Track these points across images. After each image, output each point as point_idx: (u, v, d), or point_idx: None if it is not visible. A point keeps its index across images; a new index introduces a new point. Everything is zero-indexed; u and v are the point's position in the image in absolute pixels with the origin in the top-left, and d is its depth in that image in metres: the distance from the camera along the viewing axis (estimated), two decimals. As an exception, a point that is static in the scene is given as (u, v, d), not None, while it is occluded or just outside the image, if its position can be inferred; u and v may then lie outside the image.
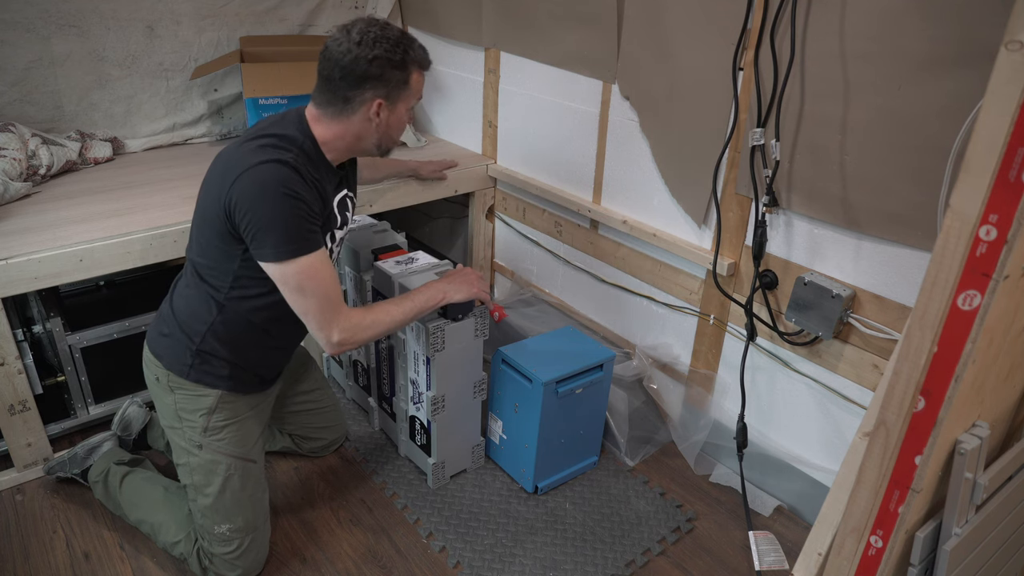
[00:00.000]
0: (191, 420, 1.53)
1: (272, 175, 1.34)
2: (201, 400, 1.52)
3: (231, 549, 1.58)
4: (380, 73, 1.40)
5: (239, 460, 1.57)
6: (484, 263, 2.75)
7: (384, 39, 1.39)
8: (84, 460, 1.85)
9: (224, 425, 1.55)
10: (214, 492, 1.55)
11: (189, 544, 1.62)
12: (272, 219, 1.33)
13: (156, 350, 1.54)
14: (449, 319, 1.75)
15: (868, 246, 1.58)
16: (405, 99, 1.48)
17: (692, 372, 2.08)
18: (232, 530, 1.57)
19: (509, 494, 1.95)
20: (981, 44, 1.29)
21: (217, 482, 1.54)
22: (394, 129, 1.52)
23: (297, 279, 1.38)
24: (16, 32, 2.18)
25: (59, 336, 1.96)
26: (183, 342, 1.50)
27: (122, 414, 1.94)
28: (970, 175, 0.87)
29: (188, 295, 1.51)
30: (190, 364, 1.50)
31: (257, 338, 1.53)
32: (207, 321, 1.49)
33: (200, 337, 1.49)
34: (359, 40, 1.38)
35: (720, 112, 1.78)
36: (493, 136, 2.55)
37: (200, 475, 1.55)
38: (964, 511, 1.10)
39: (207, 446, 1.54)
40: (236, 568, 1.60)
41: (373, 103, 1.43)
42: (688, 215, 1.95)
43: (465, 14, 2.46)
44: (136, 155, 2.45)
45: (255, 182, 1.33)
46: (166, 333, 1.53)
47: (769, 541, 1.79)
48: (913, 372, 0.99)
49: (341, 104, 1.43)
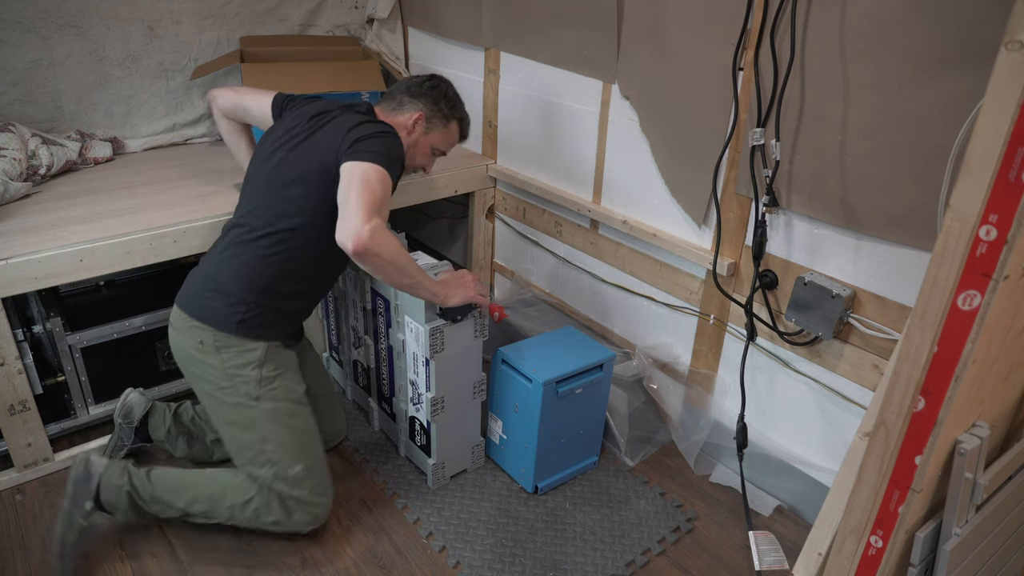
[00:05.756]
0: (243, 375, 1.62)
1: (394, 140, 1.63)
2: (250, 354, 1.62)
3: (310, 487, 1.67)
4: (434, 98, 1.78)
5: (295, 404, 1.68)
6: (484, 263, 2.75)
7: (450, 86, 1.84)
8: (87, 484, 1.62)
9: (276, 375, 1.65)
10: (281, 437, 1.64)
11: (264, 496, 1.65)
12: (380, 145, 1.57)
13: (199, 314, 1.62)
14: (447, 321, 1.75)
15: (868, 246, 1.58)
16: (438, 133, 1.81)
17: (692, 372, 2.08)
18: (305, 468, 1.66)
19: (509, 494, 1.95)
20: (981, 44, 1.29)
21: (281, 427, 1.64)
22: (417, 150, 1.80)
23: (368, 175, 1.51)
24: (16, 32, 2.18)
25: (59, 336, 1.96)
26: (230, 301, 1.60)
27: (124, 401, 1.92)
28: (970, 175, 0.87)
29: (232, 258, 1.64)
30: (239, 320, 1.60)
31: (298, 285, 1.68)
32: (258, 278, 1.61)
33: (251, 294, 1.61)
34: (434, 76, 1.83)
35: (720, 112, 1.78)
36: (493, 136, 2.55)
37: (265, 424, 1.63)
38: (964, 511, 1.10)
39: (264, 396, 1.63)
40: (318, 504, 1.69)
41: (416, 113, 1.76)
42: (688, 215, 1.95)
43: (465, 14, 2.46)
44: (136, 155, 2.45)
45: (379, 132, 1.60)
46: (209, 297, 1.62)
47: (769, 541, 1.79)
48: (913, 372, 0.99)
49: (396, 104, 1.78)
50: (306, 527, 1.71)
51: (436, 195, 2.44)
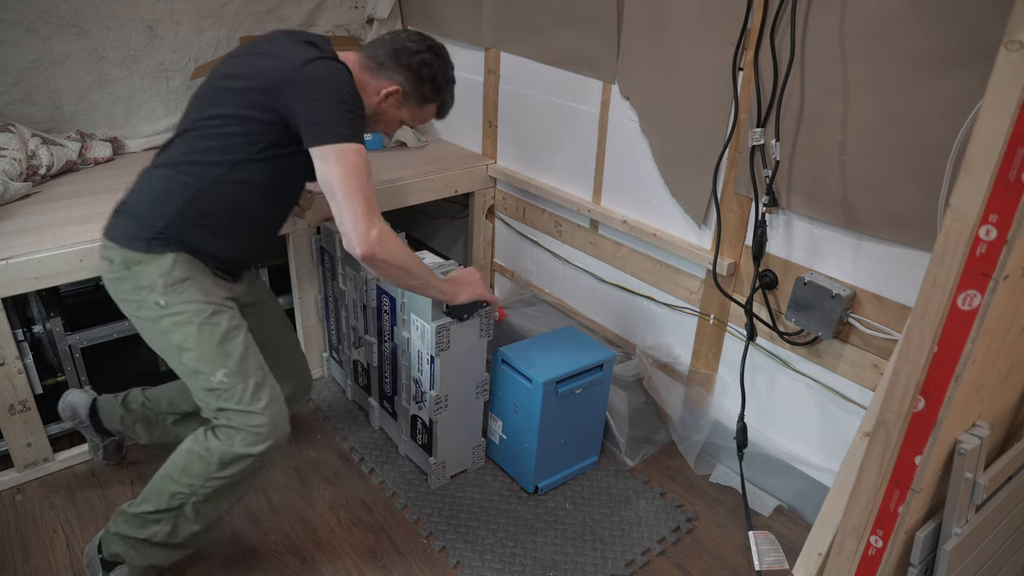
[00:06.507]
0: (151, 284, 1.47)
1: (340, 74, 1.47)
2: (159, 263, 1.47)
3: (238, 398, 1.47)
4: (419, 77, 1.61)
5: (207, 304, 1.50)
6: (484, 263, 2.75)
7: (445, 67, 1.66)
8: (93, 561, 1.57)
9: (184, 278, 1.48)
10: (193, 341, 1.47)
11: (208, 437, 1.48)
12: (339, 111, 1.43)
13: (111, 235, 1.50)
14: (455, 319, 1.75)
15: (868, 246, 1.59)
16: (410, 110, 1.66)
17: (692, 372, 2.08)
18: (228, 374, 1.47)
19: (509, 494, 1.95)
20: (981, 44, 1.29)
21: (192, 330, 1.47)
22: (382, 118, 1.66)
23: (346, 162, 1.42)
24: (16, 32, 2.18)
25: (59, 336, 1.96)
26: (144, 223, 1.47)
27: (63, 404, 1.85)
28: (970, 175, 0.87)
29: (157, 181, 1.50)
30: (149, 238, 1.46)
31: (229, 225, 1.53)
32: (178, 204, 1.47)
33: (165, 220, 1.47)
34: (431, 47, 1.63)
35: (720, 112, 1.78)
36: (493, 136, 2.55)
37: (176, 333, 1.48)
38: (964, 511, 1.10)
39: (170, 303, 1.47)
40: (254, 413, 1.46)
41: (392, 85, 1.60)
42: (688, 215, 1.95)
43: (465, 14, 2.46)
44: (136, 155, 2.45)
45: (325, 69, 1.45)
46: (123, 219, 1.50)
47: (769, 541, 1.79)
48: (913, 372, 0.99)
49: (376, 64, 1.60)
50: (253, 446, 1.45)
51: (436, 195, 2.44)
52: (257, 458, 1.47)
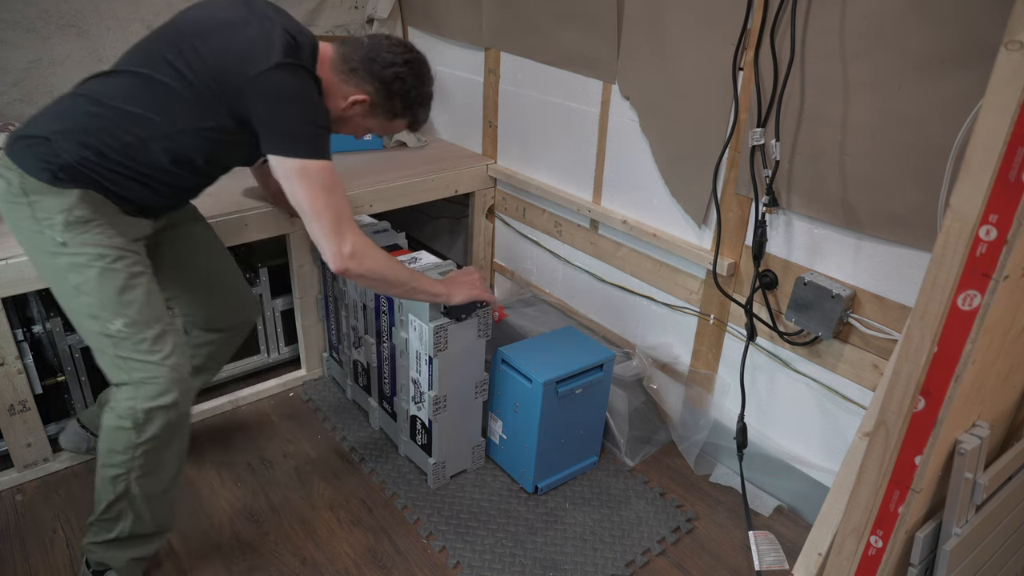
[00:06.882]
0: (50, 219, 1.38)
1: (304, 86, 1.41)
2: (62, 198, 1.38)
3: (137, 347, 1.40)
4: (390, 92, 1.52)
5: (110, 249, 1.42)
6: (484, 263, 2.75)
7: (420, 83, 1.55)
8: None
9: (87, 219, 1.40)
10: (92, 286, 1.39)
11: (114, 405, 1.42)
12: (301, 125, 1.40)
13: (13, 153, 1.40)
14: (452, 319, 1.75)
15: (868, 246, 1.59)
16: (378, 121, 1.59)
17: (692, 372, 2.08)
18: (127, 324, 1.40)
19: (509, 494, 1.95)
20: (981, 44, 1.29)
21: (92, 274, 1.40)
22: (347, 124, 1.59)
23: (312, 180, 1.40)
24: (16, 32, 2.18)
25: (59, 336, 1.96)
26: (54, 152, 1.38)
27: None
28: (970, 175, 0.87)
29: (82, 114, 1.42)
30: (55, 169, 1.37)
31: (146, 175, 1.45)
32: (97, 144, 1.39)
33: (79, 155, 1.38)
34: (408, 61, 1.52)
35: (720, 112, 1.78)
36: (493, 136, 2.55)
37: (75, 275, 1.40)
38: (964, 511, 1.10)
39: (70, 241, 1.39)
40: (150, 363, 1.40)
41: (361, 94, 1.52)
42: (688, 215, 1.95)
43: (465, 14, 2.46)
44: (136, 155, 2.45)
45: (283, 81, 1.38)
46: (31, 141, 1.40)
47: (769, 541, 1.79)
48: (913, 372, 0.99)
49: (349, 69, 1.51)
50: (158, 398, 1.39)
51: (436, 195, 2.44)
52: (168, 409, 1.41)
